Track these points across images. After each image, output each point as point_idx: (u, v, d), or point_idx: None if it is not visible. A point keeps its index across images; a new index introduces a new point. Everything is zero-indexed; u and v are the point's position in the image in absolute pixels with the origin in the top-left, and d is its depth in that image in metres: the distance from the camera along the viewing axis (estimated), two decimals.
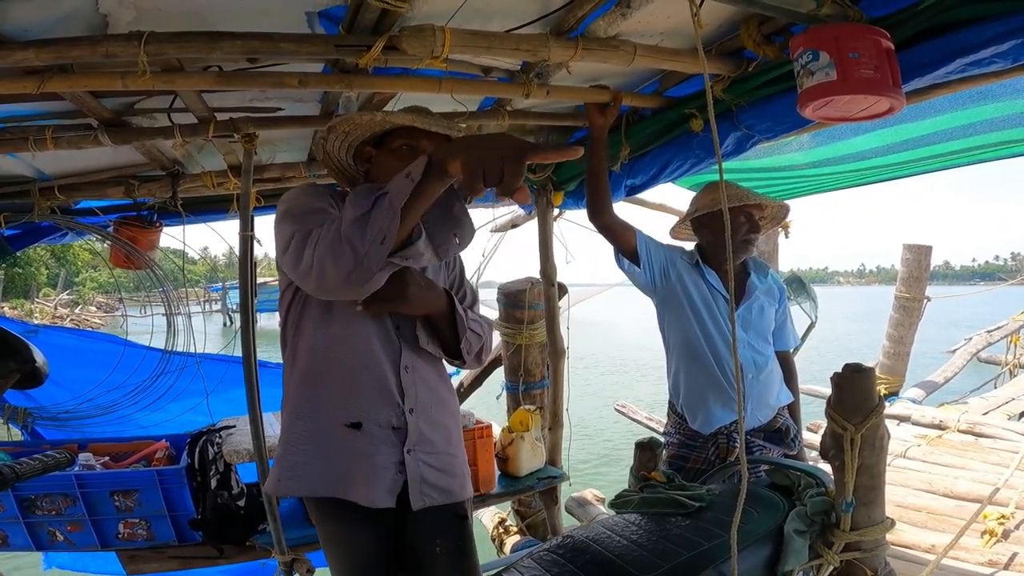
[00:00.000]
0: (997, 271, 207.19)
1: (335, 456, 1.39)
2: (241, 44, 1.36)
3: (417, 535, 1.45)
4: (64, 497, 2.30)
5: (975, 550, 2.71)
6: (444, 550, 1.45)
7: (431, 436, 1.46)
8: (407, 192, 1.11)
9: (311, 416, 1.43)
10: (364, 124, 1.42)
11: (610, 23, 1.54)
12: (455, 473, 1.51)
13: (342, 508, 1.38)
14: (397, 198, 1.12)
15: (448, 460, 1.50)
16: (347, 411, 1.40)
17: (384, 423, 1.41)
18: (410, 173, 1.11)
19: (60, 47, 1.34)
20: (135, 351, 3.26)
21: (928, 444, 4.41)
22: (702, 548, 1.31)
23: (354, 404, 1.40)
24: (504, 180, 1.00)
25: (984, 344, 8.15)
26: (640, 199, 3.08)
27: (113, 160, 2.46)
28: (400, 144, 1.42)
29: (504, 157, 1.00)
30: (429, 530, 1.45)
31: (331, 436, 1.40)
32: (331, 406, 1.41)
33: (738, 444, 2.10)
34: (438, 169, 1.10)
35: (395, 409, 1.42)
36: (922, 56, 1.46)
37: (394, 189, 1.13)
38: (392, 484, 1.40)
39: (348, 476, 1.38)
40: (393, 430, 1.41)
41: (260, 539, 2.37)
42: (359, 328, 1.41)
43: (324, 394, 1.42)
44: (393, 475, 1.40)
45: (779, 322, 2.31)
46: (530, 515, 3.38)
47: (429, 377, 1.50)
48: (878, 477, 1.43)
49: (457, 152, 1.07)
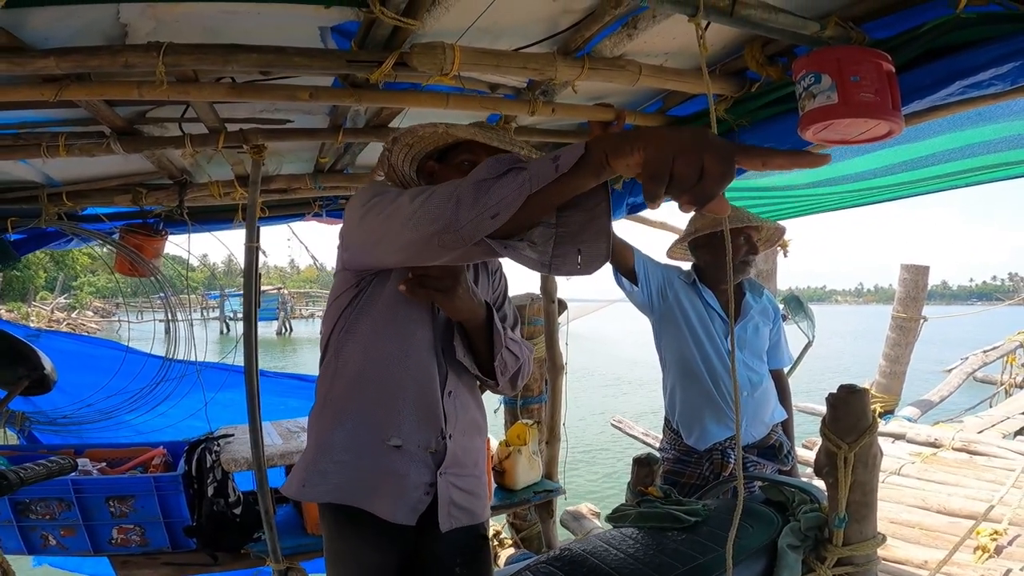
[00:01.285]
0: (994, 291, 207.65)
1: (369, 469, 1.37)
2: (257, 57, 1.39)
3: (438, 554, 1.43)
4: (59, 502, 2.30)
5: (968, 566, 2.72)
6: (464, 570, 1.44)
7: (463, 459, 1.45)
8: (546, 179, 0.88)
9: (354, 428, 1.39)
10: (427, 137, 1.37)
11: (616, 43, 1.58)
12: (480, 494, 1.50)
13: (358, 520, 1.36)
14: (533, 180, 0.90)
15: (475, 482, 1.48)
16: (391, 430, 1.37)
17: (423, 445, 1.39)
18: (558, 159, 0.88)
19: (80, 56, 1.36)
20: (136, 357, 3.27)
21: (923, 461, 4.43)
22: (698, 562, 1.32)
23: (399, 424, 1.38)
24: (702, 184, 0.75)
25: (980, 364, 8.18)
26: (641, 217, 3.11)
27: (122, 168, 2.49)
28: (462, 159, 1.38)
29: (706, 155, 0.75)
30: (451, 549, 1.43)
31: (371, 451, 1.37)
32: (376, 422, 1.38)
33: (733, 460, 2.12)
34: (596, 162, 0.85)
35: (436, 434, 1.40)
36: (922, 79, 1.48)
37: (533, 169, 0.91)
38: (417, 503, 1.38)
39: (375, 489, 1.36)
40: (431, 453, 1.40)
41: (255, 547, 2.37)
42: (414, 348, 1.38)
43: (371, 409, 1.38)
44: (421, 495, 1.38)
45: (773, 341, 2.35)
46: (525, 528, 3.38)
47: (468, 402, 1.48)
48: (870, 494, 1.46)
49: (637, 144, 0.79)
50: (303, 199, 2.93)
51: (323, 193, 2.81)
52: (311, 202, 2.98)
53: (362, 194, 1.27)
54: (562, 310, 3.25)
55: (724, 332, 2.20)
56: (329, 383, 1.43)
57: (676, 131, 0.80)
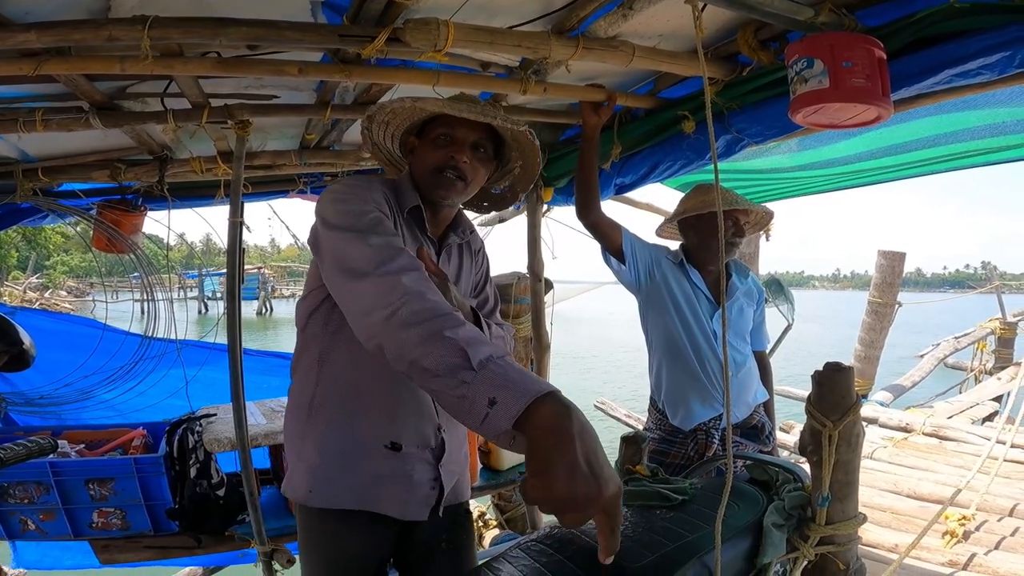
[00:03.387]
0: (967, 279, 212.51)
1: (375, 473, 1.34)
2: (246, 31, 1.36)
3: (424, 535, 1.45)
4: (37, 485, 2.26)
5: (937, 550, 2.81)
6: (448, 546, 1.47)
7: (454, 447, 1.46)
8: (477, 417, 0.79)
9: (351, 431, 1.35)
10: (400, 112, 1.35)
11: (611, 24, 1.56)
12: (464, 476, 1.54)
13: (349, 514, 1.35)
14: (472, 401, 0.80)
15: (462, 463, 1.51)
16: (388, 431, 1.35)
17: (423, 443, 1.38)
18: (488, 417, 0.78)
19: (63, 29, 1.32)
20: (114, 336, 3.21)
21: (894, 446, 4.54)
22: (686, 539, 1.34)
23: (395, 425, 1.35)
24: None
25: (951, 350, 8.39)
26: (628, 198, 3.12)
27: (100, 143, 2.43)
28: (438, 133, 1.34)
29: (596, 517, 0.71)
30: (438, 528, 1.45)
31: (374, 455, 1.35)
32: (372, 424, 1.35)
33: (717, 440, 2.15)
34: (507, 436, 0.78)
35: (434, 430, 1.39)
36: (911, 66, 1.51)
37: (479, 391, 0.80)
38: (427, 498, 1.39)
39: (383, 492, 1.35)
40: (430, 450, 1.39)
41: (239, 529, 2.35)
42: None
43: (365, 411, 1.35)
44: (428, 491, 1.40)
45: (756, 323, 2.39)
46: (510, 509, 3.41)
47: None
48: (853, 473, 1.49)
49: (533, 491, 0.71)
50: (287, 176, 2.88)
51: (308, 170, 2.77)
52: (295, 179, 2.93)
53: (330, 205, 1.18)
54: (548, 289, 3.26)
55: (710, 312, 2.22)
56: (313, 388, 1.36)
57: (582, 487, 0.69)
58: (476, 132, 1.33)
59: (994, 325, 8.76)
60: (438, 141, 1.34)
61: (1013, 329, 8.73)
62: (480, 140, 1.34)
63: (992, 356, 8.74)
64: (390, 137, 1.44)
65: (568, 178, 2.82)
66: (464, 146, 1.33)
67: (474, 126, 1.33)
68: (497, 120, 1.29)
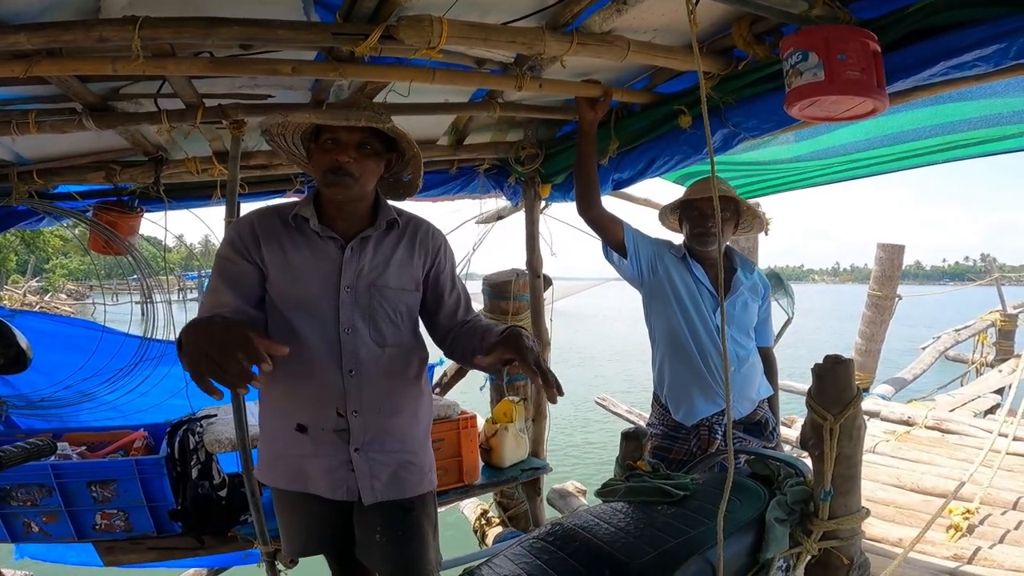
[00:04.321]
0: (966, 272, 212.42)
1: (292, 455, 1.50)
2: (238, 30, 1.35)
3: (360, 524, 1.55)
4: (40, 487, 2.26)
5: (941, 544, 2.79)
6: (383, 538, 1.52)
7: (381, 437, 1.51)
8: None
9: (272, 415, 1.53)
10: (285, 125, 1.43)
11: (605, 19, 1.56)
12: (411, 471, 1.56)
13: (304, 498, 1.51)
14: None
15: (403, 459, 1.54)
16: (295, 414, 1.48)
17: (327, 426, 1.47)
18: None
19: (53, 31, 1.32)
20: (113, 337, 3.21)
21: (897, 440, 4.52)
22: (688, 535, 1.34)
23: (299, 409, 1.48)
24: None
25: (952, 342, 8.36)
26: (626, 194, 3.11)
27: (95, 145, 2.42)
28: (324, 138, 1.43)
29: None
30: (373, 521, 1.53)
31: (285, 436, 1.50)
32: (282, 409, 1.50)
33: (719, 436, 2.15)
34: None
35: (333, 412, 1.47)
36: (907, 58, 1.50)
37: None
38: (341, 480, 1.49)
39: (304, 471, 1.49)
40: (336, 432, 1.47)
41: (242, 530, 2.36)
42: (303, 333, 1.45)
43: (277, 397, 1.50)
44: (345, 473, 1.48)
45: (762, 318, 2.36)
46: (512, 507, 3.40)
47: (379, 379, 1.50)
48: (855, 467, 1.48)
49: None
50: (283, 175, 2.87)
51: (304, 169, 2.75)
52: (292, 179, 2.92)
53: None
54: (547, 286, 3.25)
55: (713, 307, 2.20)
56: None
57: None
58: (358, 133, 1.41)
59: (994, 317, 8.73)
60: (325, 145, 1.43)
61: (1013, 321, 8.70)
62: (364, 139, 1.42)
63: (993, 348, 8.72)
64: (295, 143, 1.53)
65: (565, 174, 2.81)
66: (348, 147, 1.41)
67: (354, 128, 1.40)
68: (362, 122, 1.36)
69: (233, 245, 1.45)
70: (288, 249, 1.46)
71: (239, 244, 1.44)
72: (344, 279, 1.47)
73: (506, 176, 3.03)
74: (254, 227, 1.46)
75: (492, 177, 3.06)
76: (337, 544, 1.62)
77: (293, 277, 1.45)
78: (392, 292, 1.52)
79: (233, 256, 1.44)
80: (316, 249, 1.47)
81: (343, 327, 1.46)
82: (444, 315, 1.65)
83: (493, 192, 3.15)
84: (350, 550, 1.60)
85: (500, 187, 3.10)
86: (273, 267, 1.45)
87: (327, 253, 1.47)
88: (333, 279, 1.46)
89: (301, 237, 1.47)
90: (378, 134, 1.44)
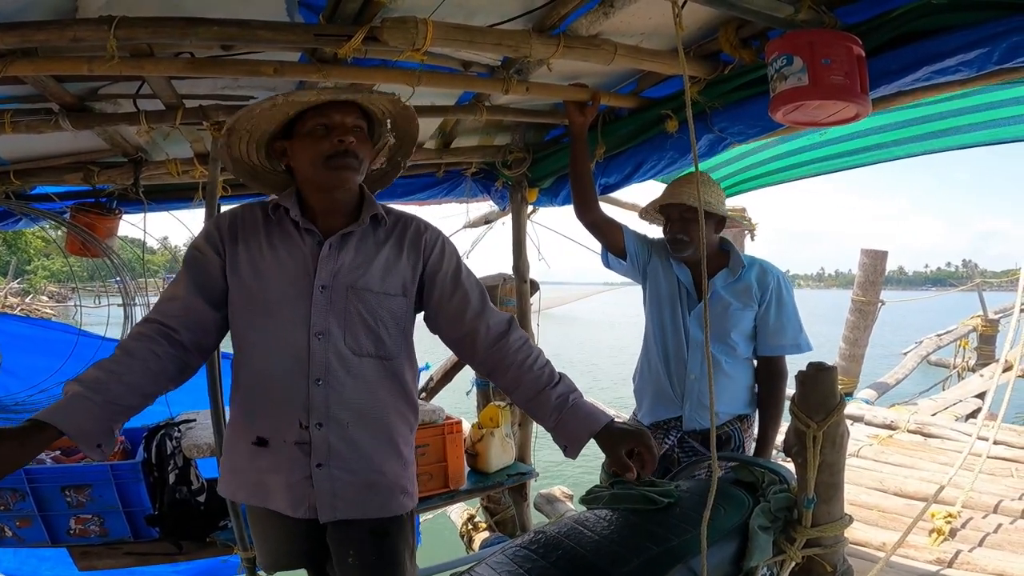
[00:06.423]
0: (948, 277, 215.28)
1: (250, 469, 1.41)
2: (217, 31, 1.33)
3: (333, 543, 1.44)
4: (13, 492, 2.21)
5: (923, 548, 2.81)
6: (356, 561, 1.42)
7: (347, 452, 1.39)
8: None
9: (232, 425, 1.46)
10: (265, 115, 1.32)
11: (592, 22, 1.55)
12: (379, 491, 1.43)
13: (269, 514, 1.44)
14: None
15: (372, 477, 1.42)
16: (255, 425, 1.39)
17: (288, 439, 1.37)
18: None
19: (26, 30, 1.30)
20: (90, 341, 3.15)
21: (879, 444, 4.56)
22: (672, 543, 1.32)
23: (260, 419, 1.39)
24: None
25: (934, 347, 8.47)
26: (613, 198, 3.11)
27: (73, 146, 2.38)
28: (315, 124, 1.32)
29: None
30: (342, 541, 1.42)
31: (245, 450, 1.41)
32: (243, 419, 1.42)
33: (670, 441, 2.12)
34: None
35: (295, 423, 1.36)
36: (891, 63, 1.51)
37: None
38: (303, 497, 1.38)
39: (263, 486, 1.40)
40: (297, 445, 1.37)
41: (221, 535, 2.32)
42: (268, 337, 1.37)
43: (237, 409, 1.44)
44: (306, 489, 1.37)
45: (763, 324, 2.11)
46: (499, 512, 3.38)
47: (351, 391, 1.38)
48: (838, 474, 1.47)
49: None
50: None
51: None
52: None
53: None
54: (534, 291, 3.24)
55: (689, 308, 2.13)
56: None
57: None
58: (351, 115, 1.34)
59: (976, 322, 8.86)
60: (316, 132, 1.32)
61: (995, 326, 8.83)
62: (356, 121, 1.35)
63: (974, 353, 8.84)
64: (254, 147, 1.41)
65: (553, 178, 2.80)
66: (346, 128, 1.33)
67: (346, 110, 1.33)
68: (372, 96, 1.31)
69: (208, 237, 1.40)
70: (263, 243, 1.38)
71: (214, 236, 1.39)
72: (319, 278, 1.35)
73: (493, 180, 3.02)
74: (234, 221, 1.41)
75: (479, 181, 3.05)
76: (312, 560, 1.52)
77: (264, 273, 1.36)
78: (373, 296, 1.39)
79: (204, 247, 1.39)
80: (292, 244, 1.38)
81: (314, 331, 1.34)
82: (447, 321, 1.49)
83: (480, 196, 3.14)
84: (327, 565, 1.51)
85: (487, 191, 3.09)
86: (245, 264, 1.37)
87: (303, 248, 1.38)
88: (307, 277, 1.35)
89: (278, 230, 1.40)
90: (363, 119, 1.38)
